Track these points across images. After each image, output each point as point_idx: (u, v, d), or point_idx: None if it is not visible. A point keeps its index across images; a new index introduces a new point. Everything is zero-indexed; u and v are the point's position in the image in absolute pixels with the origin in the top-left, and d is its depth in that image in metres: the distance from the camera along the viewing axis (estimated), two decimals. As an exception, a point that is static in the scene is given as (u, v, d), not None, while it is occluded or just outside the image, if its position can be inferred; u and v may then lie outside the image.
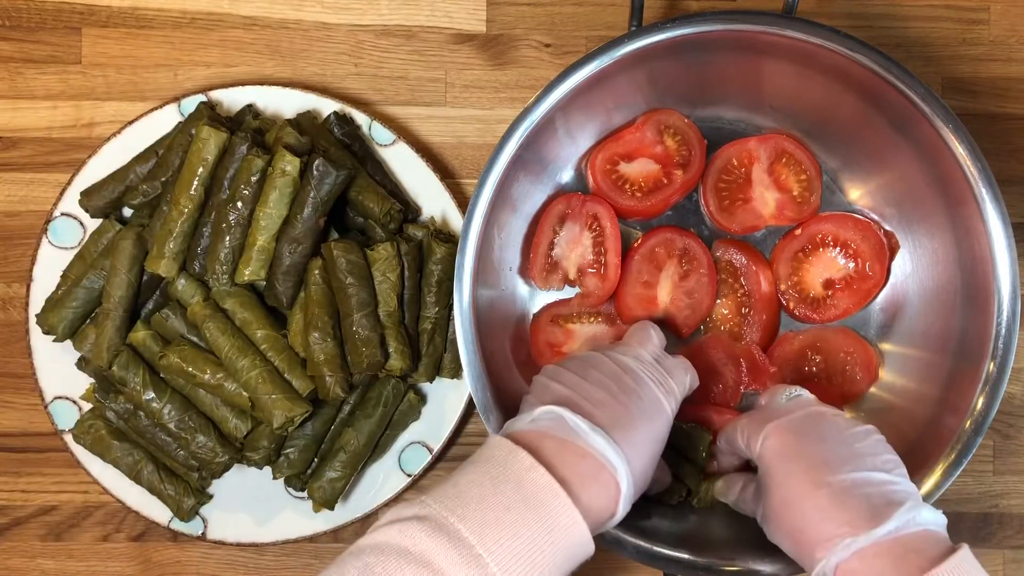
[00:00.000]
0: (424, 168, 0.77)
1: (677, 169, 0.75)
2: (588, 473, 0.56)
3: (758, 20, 0.66)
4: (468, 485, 0.55)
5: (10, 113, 0.79)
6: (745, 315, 0.76)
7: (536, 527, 0.53)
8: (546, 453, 0.56)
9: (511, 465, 0.55)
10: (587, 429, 0.57)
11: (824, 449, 0.60)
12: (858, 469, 0.58)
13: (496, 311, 0.73)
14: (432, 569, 0.51)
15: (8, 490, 0.79)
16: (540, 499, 0.54)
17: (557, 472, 0.55)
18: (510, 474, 0.55)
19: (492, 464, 0.56)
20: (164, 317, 0.74)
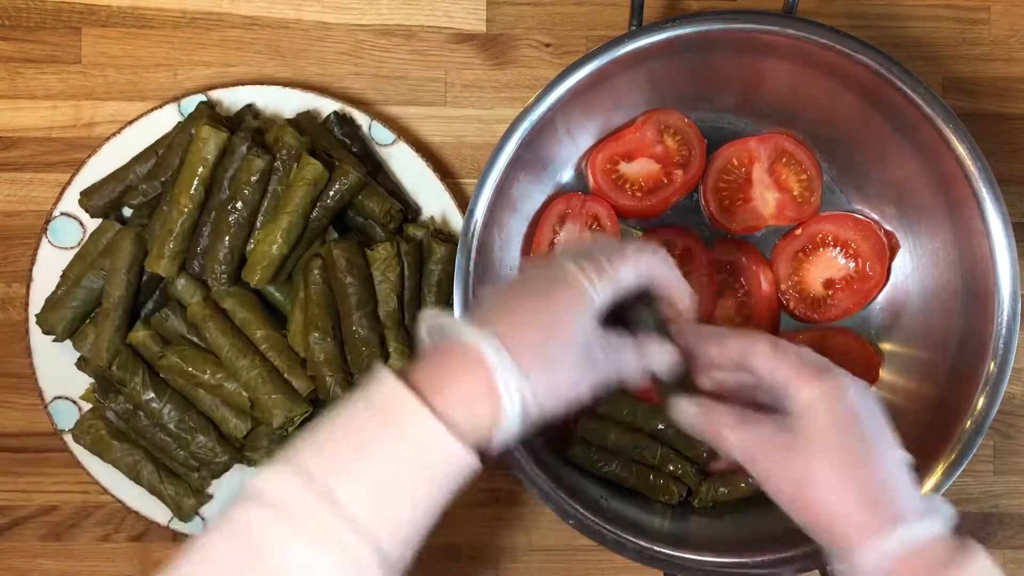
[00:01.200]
0: (424, 168, 0.77)
1: (677, 169, 0.75)
2: (452, 370, 0.50)
3: (758, 20, 0.66)
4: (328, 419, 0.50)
5: (10, 113, 0.79)
6: (745, 315, 0.76)
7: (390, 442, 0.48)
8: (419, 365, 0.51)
9: (367, 385, 0.50)
10: (452, 321, 0.51)
11: (879, 423, 0.55)
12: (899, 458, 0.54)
13: (496, 311, 0.73)
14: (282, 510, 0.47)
15: (8, 490, 0.79)
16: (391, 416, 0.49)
17: (413, 379, 0.49)
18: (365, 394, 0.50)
19: (358, 391, 0.51)
20: (164, 317, 0.74)
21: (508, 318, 0.51)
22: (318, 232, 0.74)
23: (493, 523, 0.80)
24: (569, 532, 0.69)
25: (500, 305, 0.53)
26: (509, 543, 0.80)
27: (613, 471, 0.73)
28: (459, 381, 0.50)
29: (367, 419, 0.50)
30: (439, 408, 0.49)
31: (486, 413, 0.50)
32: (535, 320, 0.52)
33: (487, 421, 0.50)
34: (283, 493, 0.48)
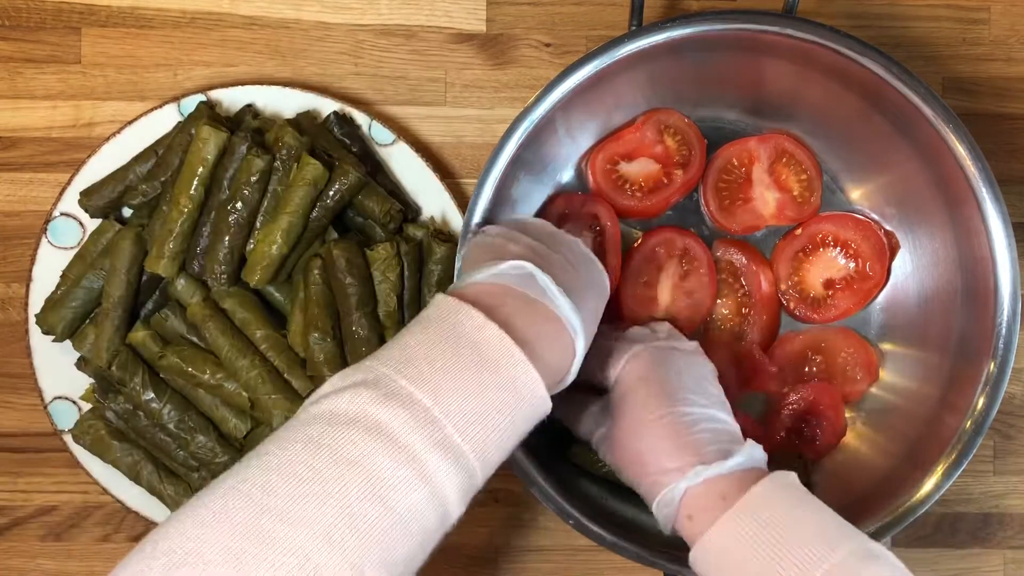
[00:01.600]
0: (424, 168, 0.77)
1: (677, 169, 0.75)
2: (552, 335, 0.56)
3: (758, 20, 0.66)
4: (417, 346, 0.53)
5: (10, 113, 0.79)
6: (745, 315, 0.76)
7: (493, 387, 0.52)
8: (507, 311, 0.54)
9: (462, 323, 0.53)
10: (556, 291, 0.56)
11: (681, 380, 0.62)
12: (707, 405, 0.61)
13: (496, 311, 0.73)
14: (385, 435, 0.48)
15: (8, 490, 0.79)
16: (495, 358, 0.52)
17: (518, 332, 0.53)
18: (462, 333, 0.53)
19: (442, 324, 0.53)
20: (164, 317, 0.74)
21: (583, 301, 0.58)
22: (318, 232, 0.74)
23: (493, 523, 0.80)
24: (569, 532, 0.69)
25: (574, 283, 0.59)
26: (509, 543, 0.80)
27: (613, 471, 0.73)
28: (555, 347, 0.56)
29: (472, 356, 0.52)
30: (543, 367, 0.54)
31: (561, 375, 0.57)
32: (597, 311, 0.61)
33: (557, 382, 0.57)
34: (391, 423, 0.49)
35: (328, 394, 0.51)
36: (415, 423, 0.49)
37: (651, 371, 0.62)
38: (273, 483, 0.47)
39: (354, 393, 0.50)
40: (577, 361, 0.57)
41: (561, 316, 0.56)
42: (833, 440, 0.76)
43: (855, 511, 0.64)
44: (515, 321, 0.54)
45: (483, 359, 0.52)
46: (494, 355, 0.52)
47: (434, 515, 0.50)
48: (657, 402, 0.60)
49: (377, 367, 0.51)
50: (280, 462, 0.48)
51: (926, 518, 0.79)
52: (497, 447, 0.52)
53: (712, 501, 0.57)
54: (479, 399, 0.51)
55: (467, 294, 0.56)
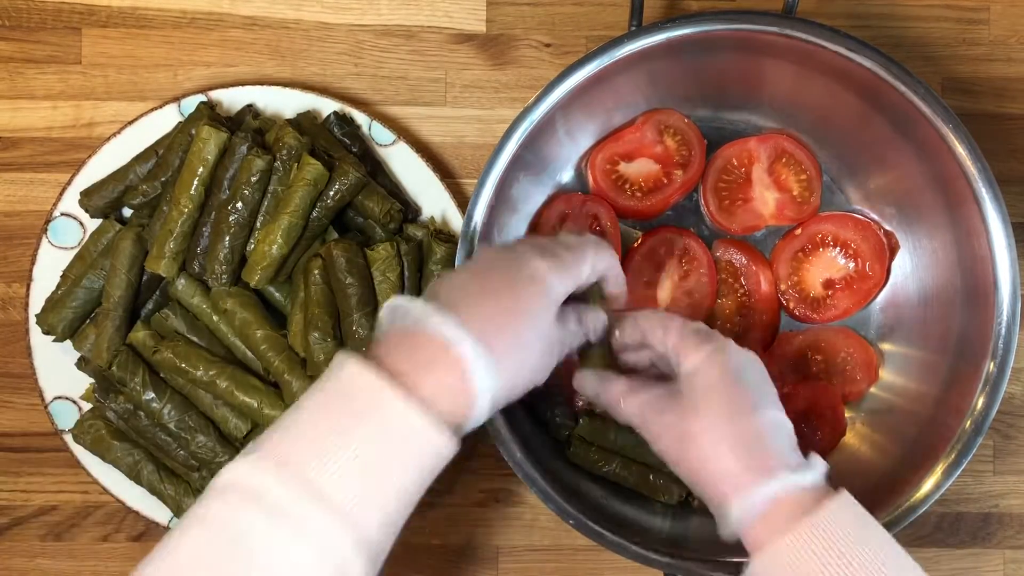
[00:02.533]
0: (424, 168, 0.77)
1: (677, 169, 0.75)
2: (426, 360, 0.52)
3: (758, 20, 0.66)
4: (300, 408, 0.52)
5: (10, 113, 0.79)
6: (745, 315, 0.76)
7: (368, 432, 0.50)
8: (384, 350, 0.52)
9: (338, 374, 0.52)
10: (422, 309, 0.53)
11: (758, 381, 0.59)
12: (777, 407, 0.59)
13: (496, 311, 0.73)
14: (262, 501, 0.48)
15: (8, 490, 0.79)
16: (367, 402, 0.50)
17: (389, 367, 0.51)
18: (338, 385, 0.51)
19: (324, 379, 0.52)
20: (164, 317, 0.74)
21: (478, 309, 0.54)
22: (318, 232, 0.74)
23: (493, 523, 0.80)
24: (569, 532, 0.69)
25: (467, 293, 0.55)
26: (509, 543, 0.80)
27: (613, 471, 0.73)
28: (437, 371, 0.52)
29: (343, 407, 0.51)
30: (422, 397, 0.51)
31: (461, 402, 0.52)
32: (505, 313, 0.55)
33: (462, 409, 0.53)
34: (263, 484, 0.49)
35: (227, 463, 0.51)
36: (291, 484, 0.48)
37: (734, 371, 0.58)
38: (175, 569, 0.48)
39: (235, 461, 0.50)
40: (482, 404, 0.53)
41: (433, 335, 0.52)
42: (833, 440, 0.76)
43: (855, 511, 0.64)
44: (389, 357, 0.52)
45: (357, 408, 0.50)
46: (368, 402, 0.50)
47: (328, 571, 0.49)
48: (739, 401, 0.57)
49: (267, 433, 0.51)
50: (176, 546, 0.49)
51: (926, 518, 0.79)
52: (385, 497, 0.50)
53: (790, 510, 0.55)
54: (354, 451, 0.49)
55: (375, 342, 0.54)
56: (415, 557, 0.79)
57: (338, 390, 0.52)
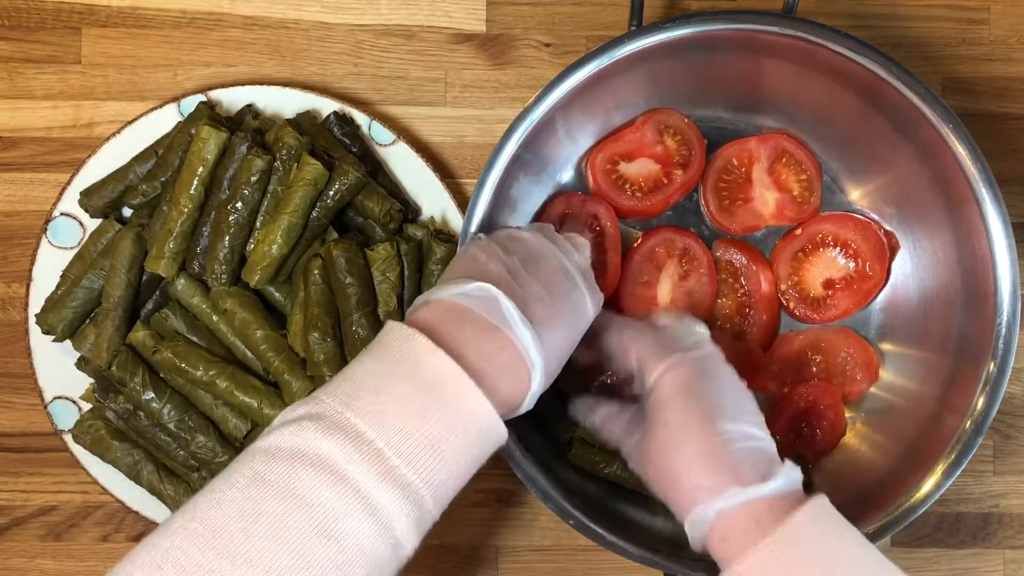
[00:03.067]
0: (424, 168, 0.77)
1: (677, 169, 0.75)
2: (507, 366, 0.55)
3: (758, 20, 0.66)
4: (364, 376, 0.52)
5: (10, 113, 0.79)
6: (745, 315, 0.76)
7: (439, 413, 0.51)
8: (461, 339, 0.54)
9: (409, 351, 0.52)
10: (519, 320, 0.55)
11: (722, 396, 0.59)
12: (745, 422, 0.59)
13: (496, 311, 0.73)
14: (329, 469, 0.48)
15: (8, 490, 0.79)
16: (441, 384, 0.52)
17: (471, 361, 0.53)
18: (408, 360, 0.52)
19: (389, 351, 0.53)
20: (164, 317, 0.74)
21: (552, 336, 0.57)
22: (318, 232, 0.74)
23: (493, 523, 0.80)
24: (569, 532, 0.69)
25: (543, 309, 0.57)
26: (509, 543, 0.80)
27: (614, 472, 0.73)
28: (509, 379, 0.55)
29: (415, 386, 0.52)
30: (496, 397, 0.53)
31: (514, 405, 0.56)
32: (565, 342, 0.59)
33: (510, 412, 0.56)
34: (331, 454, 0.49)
35: (275, 428, 0.51)
36: (359, 455, 0.49)
37: (691, 383, 0.59)
38: (218, 521, 0.47)
39: (298, 427, 0.50)
40: (532, 394, 0.56)
41: (519, 347, 0.55)
42: (833, 440, 0.76)
43: (855, 511, 0.64)
44: (468, 349, 0.53)
45: (431, 388, 0.52)
46: (442, 384, 0.52)
47: (384, 547, 0.49)
48: (697, 417, 0.58)
49: (323, 399, 0.51)
50: (225, 499, 0.48)
51: (926, 518, 0.79)
52: (447, 476, 0.52)
53: (747, 524, 0.55)
54: (426, 429, 0.51)
55: (424, 318, 0.55)
56: (415, 557, 0.79)
57: (409, 366, 0.52)
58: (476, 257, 0.60)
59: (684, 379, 0.59)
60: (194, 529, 0.47)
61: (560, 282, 0.60)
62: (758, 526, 0.55)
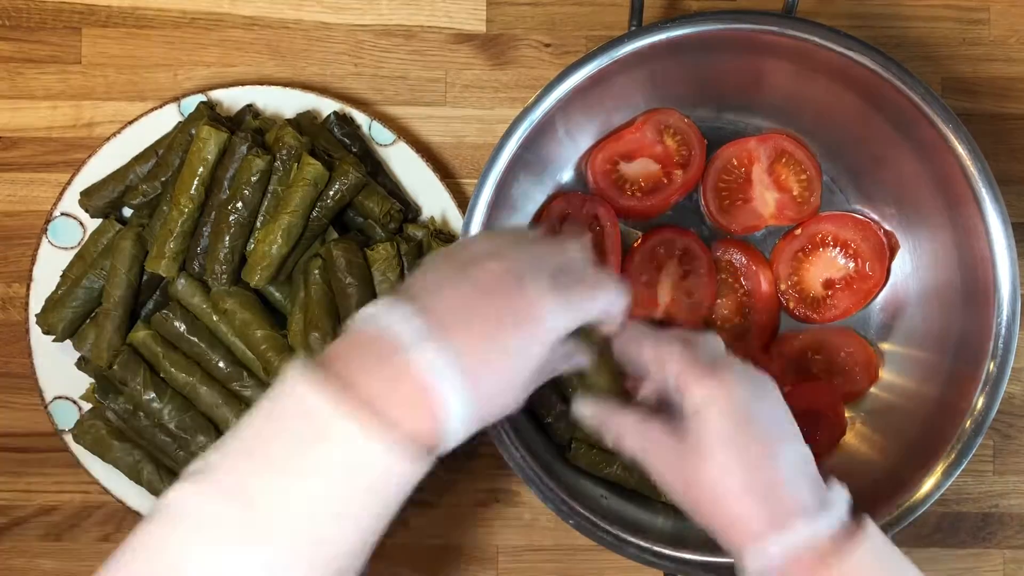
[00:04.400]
0: (424, 168, 0.77)
1: (677, 169, 0.75)
2: (404, 399, 0.47)
3: (758, 20, 0.66)
4: (247, 429, 0.47)
5: (10, 113, 0.79)
6: (745, 315, 0.76)
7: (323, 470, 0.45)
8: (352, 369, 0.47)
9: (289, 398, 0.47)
10: (414, 340, 0.47)
11: (774, 417, 0.55)
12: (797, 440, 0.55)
13: (496, 311, 0.73)
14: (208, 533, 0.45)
15: (8, 490, 0.79)
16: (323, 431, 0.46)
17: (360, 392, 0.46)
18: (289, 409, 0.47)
19: (274, 400, 0.48)
20: (164, 317, 0.74)
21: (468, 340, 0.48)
22: (318, 232, 0.74)
23: (493, 523, 0.80)
24: (569, 532, 0.69)
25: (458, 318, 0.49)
26: (509, 543, 0.80)
27: (614, 472, 0.73)
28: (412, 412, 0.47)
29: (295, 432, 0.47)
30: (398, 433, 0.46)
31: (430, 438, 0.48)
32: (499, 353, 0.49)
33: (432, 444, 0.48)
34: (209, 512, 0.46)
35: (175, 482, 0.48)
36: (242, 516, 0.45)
37: (744, 409, 0.54)
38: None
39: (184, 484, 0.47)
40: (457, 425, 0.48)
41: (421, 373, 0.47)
42: (833, 440, 0.76)
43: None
44: (358, 380, 0.47)
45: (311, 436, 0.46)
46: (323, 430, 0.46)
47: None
48: (751, 443, 0.53)
49: (210, 456, 0.47)
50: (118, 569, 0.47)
51: (926, 518, 0.79)
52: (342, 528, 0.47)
53: (811, 561, 0.52)
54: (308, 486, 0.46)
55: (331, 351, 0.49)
56: (415, 557, 0.79)
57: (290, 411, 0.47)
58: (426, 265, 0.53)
59: (740, 403, 0.54)
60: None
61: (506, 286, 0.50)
62: (823, 563, 0.52)
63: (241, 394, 0.74)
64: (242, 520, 0.45)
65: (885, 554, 0.54)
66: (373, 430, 0.46)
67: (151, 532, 0.47)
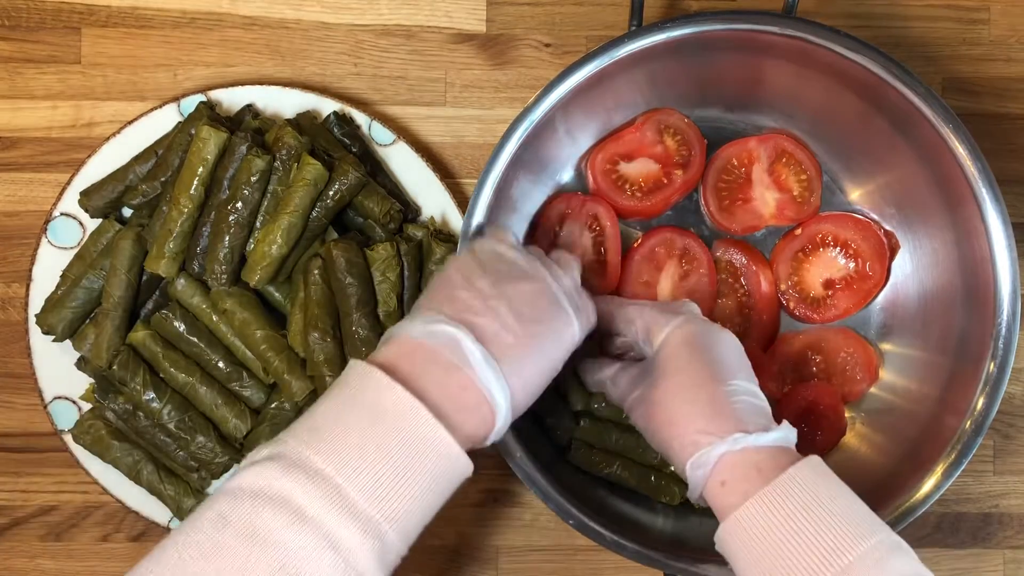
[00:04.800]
0: (424, 168, 0.77)
1: (677, 169, 0.75)
2: (469, 405, 0.55)
3: (758, 20, 0.66)
4: (323, 414, 0.53)
5: (10, 113, 0.79)
6: (745, 315, 0.76)
7: (398, 448, 0.52)
8: (426, 378, 0.54)
9: (367, 388, 0.53)
10: (482, 361, 0.55)
11: (727, 353, 0.62)
12: (750, 380, 0.61)
13: (496, 311, 0.73)
14: (290, 508, 0.49)
15: (8, 490, 0.79)
16: (400, 419, 0.52)
17: (432, 398, 0.53)
18: (366, 397, 0.53)
19: (347, 389, 0.54)
20: (164, 317, 0.74)
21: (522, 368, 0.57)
22: (318, 232, 0.74)
23: (493, 523, 0.80)
24: (569, 532, 0.69)
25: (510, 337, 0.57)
26: (509, 543, 0.80)
27: (614, 472, 0.73)
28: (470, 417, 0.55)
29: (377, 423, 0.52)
30: (459, 435, 0.54)
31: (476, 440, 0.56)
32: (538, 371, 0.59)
33: (477, 441, 0.56)
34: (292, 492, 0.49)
35: (241, 469, 0.52)
36: (319, 493, 0.49)
37: (697, 339, 0.62)
38: (184, 565, 0.48)
39: (261, 467, 0.51)
40: (497, 430, 0.57)
41: (482, 388, 0.55)
42: (833, 440, 0.76)
43: (855, 511, 0.64)
44: (430, 388, 0.54)
45: (390, 424, 0.52)
46: (402, 419, 0.52)
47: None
48: (701, 367, 0.60)
49: (285, 439, 0.52)
50: (190, 542, 0.49)
51: (926, 518, 0.80)
52: (410, 510, 0.52)
53: (747, 471, 0.57)
54: (386, 464, 0.51)
55: (386, 356, 0.56)
56: (415, 557, 0.79)
57: (368, 402, 0.53)
58: (451, 280, 0.60)
59: (692, 334, 0.62)
60: (160, 573, 0.48)
61: (542, 306, 0.60)
62: (759, 473, 0.56)
63: (240, 394, 0.75)
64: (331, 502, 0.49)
65: (824, 476, 0.57)
66: (444, 430, 0.53)
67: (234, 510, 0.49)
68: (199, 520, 0.50)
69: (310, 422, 0.53)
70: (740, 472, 0.57)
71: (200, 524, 0.50)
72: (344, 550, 0.49)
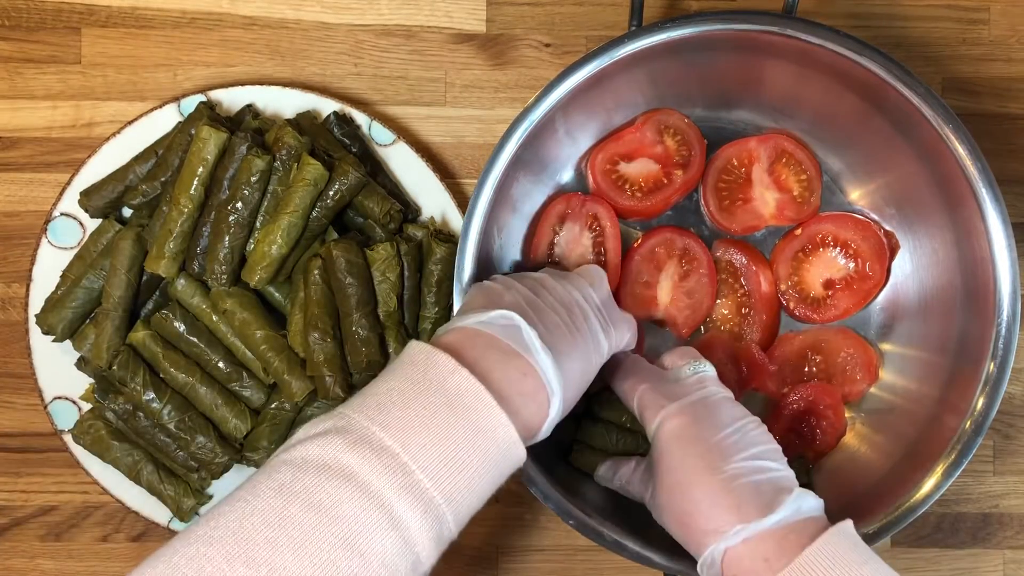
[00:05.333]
0: (424, 168, 0.77)
1: (677, 169, 0.75)
2: (528, 392, 0.55)
3: (758, 20, 0.66)
4: (388, 392, 0.53)
5: (10, 113, 0.79)
6: (745, 315, 0.76)
7: (462, 430, 0.51)
8: (485, 363, 0.54)
9: (432, 369, 0.53)
10: (539, 348, 0.56)
11: (719, 435, 0.60)
12: (749, 457, 0.59)
13: (496, 311, 0.73)
14: (355, 481, 0.48)
15: (8, 490, 0.79)
16: (465, 402, 0.52)
17: (494, 384, 0.53)
18: (432, 378, 0.53)
19: (413, 368, 0.54)
20: (164, 317, 0.74)
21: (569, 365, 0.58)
22: (318, 232, 0.74)
23: (493, 523, 0.80)
24: (569, 532, 0.69)
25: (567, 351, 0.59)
26: (509, 543, 0.80)
27: None
28: (530, 404, 0.55)
29: (442, 404, 0.52)
30: (518, 420, 0.54)
31: (533, 431, 0.57)
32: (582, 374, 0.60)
33: (529, 437, 0.56)
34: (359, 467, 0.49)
35: (300, 441, 0.51)
36: (385, 469, 0.49)
37: (687, 431, 0.60)
38: (244, 530, 0.47)
39: (324, 440, 0.50)
40: (551, 421, 0.57)
41: (540, 374, 0.56)
42: (833, 440, 0.76)
43: (855, 511, 0.64)
44: (492, 373, 0.54)
45: (454, 406, 0.52)
46: (466, 402, 0.52)
47: (405, 563, 0.49)
48: (696, 461, 0.59)
49: (348, 413, 0.52)
50: (251, 509, 0.48)
51: (926, 518, 0.80)
52: (468, 493, 0.52)
53: (755, 564, 0.55)
54: (450, 445, 0.51)
55: (448, 341, 0.56)
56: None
57: (433, 383, 0.53)
58: (492, 288, 0.61)
59: (680, 427, 0.60)
60: (219, 537, 0.47)
61: (576, 314, 0.61)
62: (767, 564, 0.54)
63: (241, 394, 0.75)
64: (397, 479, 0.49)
65: (841, 556, 0.54)
66: (506, 417, 0.53)
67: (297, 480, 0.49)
68: (260, 488, 0.49)
69: (373, 399, 0.52)
70: (748, 565, 0.55)
71: (261, 492, 0.49)
72: (405, 529, 0.49)
